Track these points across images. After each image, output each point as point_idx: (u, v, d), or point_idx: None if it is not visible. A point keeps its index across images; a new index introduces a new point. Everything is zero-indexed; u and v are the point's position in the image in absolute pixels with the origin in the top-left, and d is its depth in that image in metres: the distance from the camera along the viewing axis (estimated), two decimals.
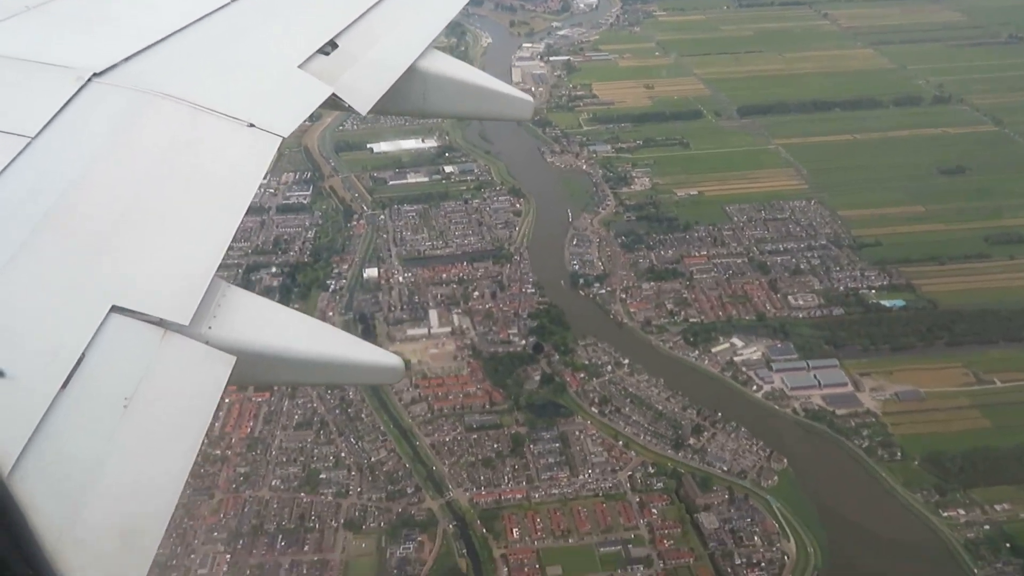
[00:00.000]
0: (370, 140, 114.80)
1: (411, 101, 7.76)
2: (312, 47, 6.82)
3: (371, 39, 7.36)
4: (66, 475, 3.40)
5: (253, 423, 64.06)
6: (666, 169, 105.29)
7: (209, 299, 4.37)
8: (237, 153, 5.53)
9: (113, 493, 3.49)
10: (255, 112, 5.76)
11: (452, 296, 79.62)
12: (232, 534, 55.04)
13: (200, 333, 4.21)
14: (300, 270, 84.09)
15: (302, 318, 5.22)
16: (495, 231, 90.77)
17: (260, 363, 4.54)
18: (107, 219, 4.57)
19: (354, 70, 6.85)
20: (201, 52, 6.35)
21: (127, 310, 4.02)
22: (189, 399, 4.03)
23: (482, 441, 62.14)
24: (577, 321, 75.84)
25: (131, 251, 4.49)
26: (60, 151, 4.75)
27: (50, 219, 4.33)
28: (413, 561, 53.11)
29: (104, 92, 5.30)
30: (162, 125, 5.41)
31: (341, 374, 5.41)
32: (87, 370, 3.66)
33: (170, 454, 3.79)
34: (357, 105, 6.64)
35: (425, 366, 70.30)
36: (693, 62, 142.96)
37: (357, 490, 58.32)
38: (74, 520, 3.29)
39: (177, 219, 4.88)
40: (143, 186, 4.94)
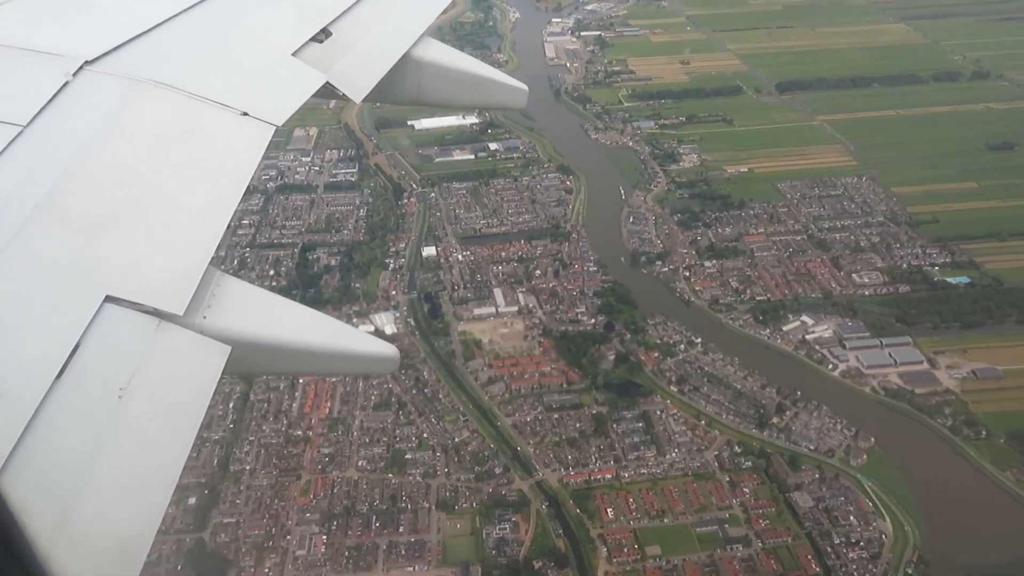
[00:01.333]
0: (410, 117, 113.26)
1: (406, 90, 7.63)
2: (306, 35, 6.71)
3: (365, 27, 7.22)
4: (60, 468, 3.33)
5: (331, 404, 63.58)
6: (712, 146, 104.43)
7: (204, 289, 4.33)
8: (231, 142, 5.45)
9: (108, 486, 3.44)
10: (249, 100, 5.69)
11: (514, 274, 78.97)
12: (324, 515, 54.77)
13: (195, 323, 4.16)
14: (356, 249, 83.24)
15: (297, 307, 5.11)
16: (549, 209, 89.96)
17: (255, 353, 4.49)
18: (100, 208, 4.52)
19: (348, 58, 6.74)
20: (194, 40, 6.26)
21: (121, 300, 3.99)
22: (184, 389, 3.99)
23: (564, 421, 61.82)
24: (643, 300, 75.37)
25: (125, 241, 4.42)
26: (52, 140, 4.69)
27: (43, 209, 4.27)
28: (510, 541, 52.90)
29: (96, 80, 5.23)
30: (155, 113, 5.33)
31: (337, 364, 5.38)
32: (81, 360, 3.62)
33: (166, 445, 3.75)
34: (351, 94, 6.50)
35: (496, 345, 69.84)
36: (726, 37, 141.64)
37: (445, 471, 57.99)
38: (68, 516, 3.22)
39: (171, 208, 4.81)
40: (136, 175, 4.88)
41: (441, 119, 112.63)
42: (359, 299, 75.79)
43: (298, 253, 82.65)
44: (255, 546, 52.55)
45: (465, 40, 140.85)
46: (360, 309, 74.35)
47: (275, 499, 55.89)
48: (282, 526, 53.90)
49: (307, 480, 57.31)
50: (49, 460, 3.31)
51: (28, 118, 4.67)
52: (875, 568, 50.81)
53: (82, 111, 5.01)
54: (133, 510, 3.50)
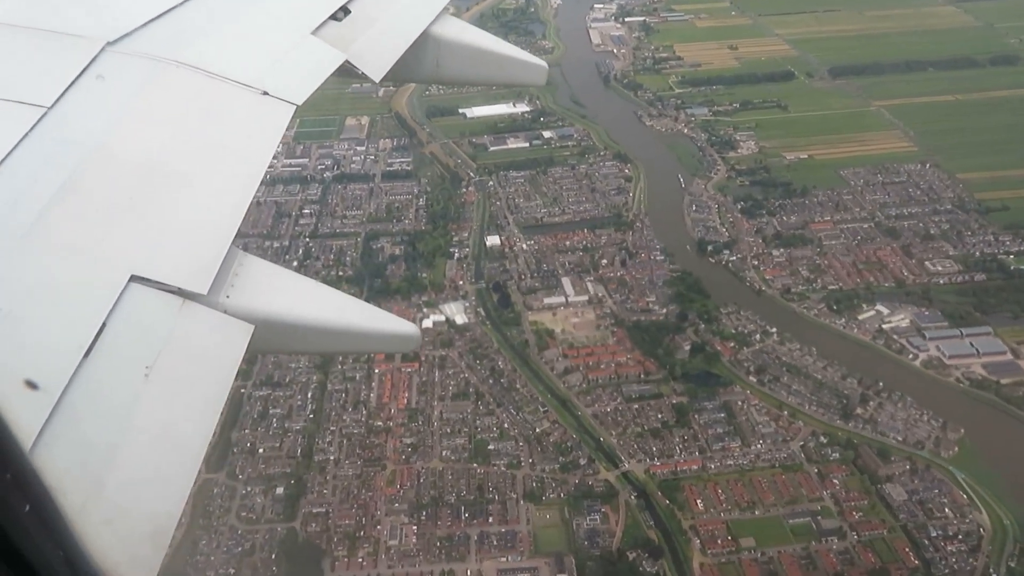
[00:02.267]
0: (460, 105, 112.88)
1: (425, 67, 7.56)
2: (325, 13, 6.67)
3: (384, 4, 7.16)
4: (89, 445, 3.36)
5: (408, 393, 63.50)
6: (769, 132, 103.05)
7: (227, 268, 4.34)
8: (252, 121, 5.44)
9: (136, 463, 3.47)
10: (269, 80, 5.67)
11: (580, 264, 78.44)
12: (413, 505, 54.76)
13: (218, 302, 4.18)
14: (419, 238, 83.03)
15: (318, 287, 5.16)
16: (609, 197, 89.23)
17: (278, 332, 4.49)
18: (124, 188, 4.53)
19: (367, 36, 6.67)
20: (214, 20, 6.27)
21: (146, 279, 4.01)
22: (209, 367, 4.00)
23: (644, 411, 61.38)
24: (713, 289, 74.62)
25: (148, 221, 4.43)
26: (76, 120, 4.70)
27: (68, 189, 4.30)
28: (601, 532, 52.65)
29: (119, 61, 5.22)
30: (177, 93, 5.35)
31: (359, 342, 5.44)
32: (108, 339, 3.65)
33: (191, 422, 3.76)
34: (370, 72, 6.44)
35: (569, 335, 69.43)
36: (772, 22, 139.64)
37: (529, 461, 57.78)
38: (98, 492, 3.25)
39: (193, 188, 4.82)
40: (159, 155, 4.89)
41: (492, 107, 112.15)
42: (426, 289, 75.59)
43: (361, 243, 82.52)
44: (346, 536, 52.64)
45: (508, 27, 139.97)
46: (428, 299, 74.18)
47: (362, 489, 55.93)
48: (372, 516, 53.94)
49: (392, 470, 57.30)
50: (78, 437, 3.34)
51: (52, 100, 4.67)
52: (975, 561, 50.05)
53: (105, 92, 5.01)
54: (161, 486, 3.53)
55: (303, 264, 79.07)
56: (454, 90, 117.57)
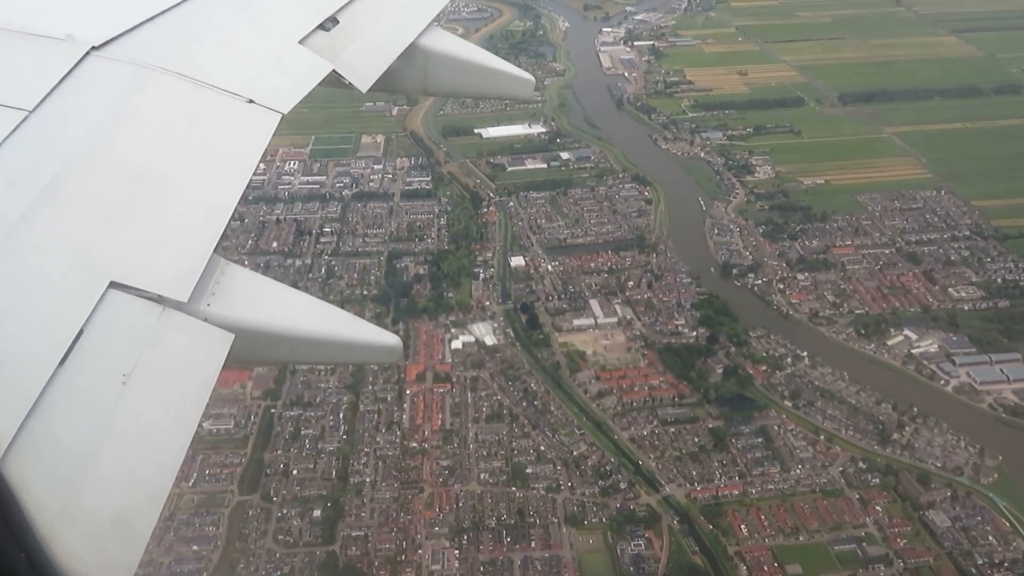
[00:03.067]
0: (475, 125, 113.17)
1: (412, 79, 7.60)
2: (313, 23, 6.69)
3: (373, 15, 7.21)
4: (63, 453, 3.35)
5: (441, 415, 62.84)
6: (784, 157, 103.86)
7: (208, 276, 4.33)
8: (237, 130, 5.44)
9: (111, 471, 3.45)
10: (255, 88, 5.68)
11: (606, 285, 78.33)
12: (452, 529, 53.97)
13: (199, 310, 4.16)
14: (443, 258, 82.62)
15: (301, 296, 5.07)
16: (631, 219, 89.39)
17: (259, 341, 4.48)
18: (106, 194, 4.53)
19: (355, 47, 6.72)
20: (201, 26, 6.26)
21: (126, 286, 3.99)
22: (187, 376, 3.99)
23: (681, 435, 61.05)
24: (740, 312, 74.71)
25: (130, 227, 4.42)
26: (58, 125, 4.68)
27: (48, 194, 4.27)
28: (647, 558, 52.09)
29: (103, 66, 5.20)
30: (161, 100, 5.34)
31: (340, 353, 5.42)
32: (85, 346, 3.64)
33: (168, 432, 3.75)
34: (357, 82, 6.47)
35: (601, 357, 69.12)
36: (779, 48, 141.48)
37: (568, 485, 57.21)
38: (70, 501, 3.23)
39: (176, 195, 4.82)
40: (142, 161, 4.88)
41: (508, 127, 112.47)
42: (454, 309, 75.11)
43: (384, 262, 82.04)
44: (388, 560, 51.76)
45: (518, 48, 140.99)
46: (456, 319, 73.71)
47: (401, 512, 55.08)
48: (412, 540, 53.09)
49: (430, 493, 56.52)
50: (52, 445, 3.31)
51: (34, 103, 4.64)
52: None
53: (88, 97, 4.98)
54: (135, 496, 3.50)
55: (326, 283, 78.53)
56: (469, 110, 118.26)
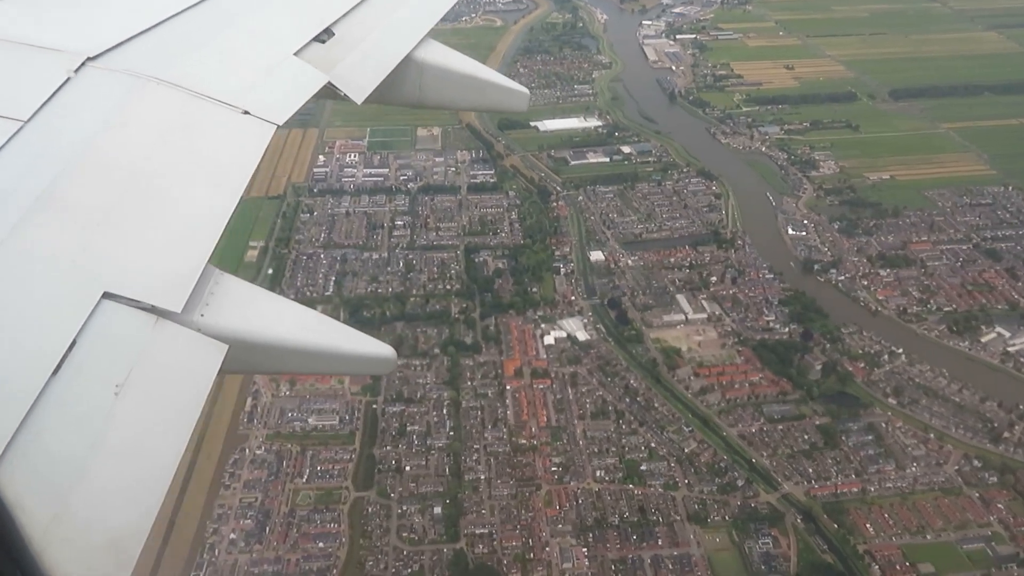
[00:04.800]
0: (531, 118, 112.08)
1: (407, 91, 7.61)
2: (308, 34, 6.72)
3: (368, 28, 7.20)
4: (56, 464, 3.35)
5: (546, 411, 62.24)
6: (845, 152, 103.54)
7: (202, 286, 4.34)
8: (232, 140, 5.44)
9: (103, 483, 3.45)
10: (250, 99, 5.68)
11: (689, 281, 77.83)
12: (576, 527, 53.45)
13: (192, 320, 4.17)
14: (520, 252, 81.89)
15: (295, 307, 5.02)
16: (702, 214, 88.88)
17: (253, 351, 4.47)
18: (100, 204, 4.52)
19: (350, 59, 6.72)
20: (196, 38, 6.27)
21: (119, 297, 4.00)
22: (181, 387, 4.00)
23: (791, 432, 60.68)
24: (827, 308, 74.27)
25: (124, 238, 4.42)
26: (53, 136, 4.70)
27: (42, 203, 4.29)
28: (776, 557, 51.71)
29: (98, 76, 5.23)
30: (156, 111, 5.34)
31: (334, 364, 5.26)
32: (78, 356, 3.65)
33: (161, 443, 3.73)
34: (353, 94, 6.46)
35: (696, 354, 68.61)
36: (821, 43, 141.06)
37: (685, 482, 56.72)
38: (62, 512, 3.22)
39: (171, 206, 4.81)
40: (137, 172, 4.86)
41: (563, 121, 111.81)
42: (539, 304, 74.46)
43: (462, 256, 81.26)
44: (516, 558, 51.18)
45: (561, 41, 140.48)
46: (544, 314, 73.06)
47: (521, 509, 54.51)
48: (538, 537, 52.52)
49: (547, 490, 55.94)
50: (45, 456, 3.30)
51: (29, 113, 4.64)
52: None
53: (84, 107, 4.99)
54: (128, 508, 3.49)
55: (406, 276, 77.78)
56: None
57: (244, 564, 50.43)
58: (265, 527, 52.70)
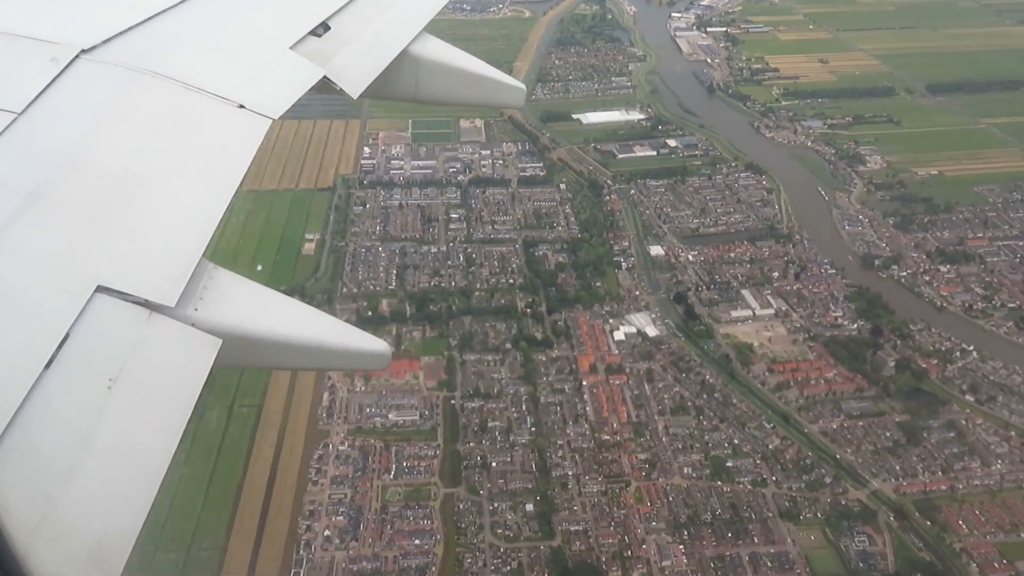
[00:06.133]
0: (571, 110, 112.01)
1: (403, 86, 7.62)
2: (304, 28, 6.71)
3: (364, 22, 7.23)
4: (46, 461, 3.30)
5: (625, 407, 61.96)
6: (890, 147, 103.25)
7: (196, 281, 4.32)
8: (227, 134, 5.43)
9: (94, 480, 3.40)
10: (246, 93, 5.66)
11: (752, 276, 77.60)
12: (670, 524, 53.25)
13: (186, 315, 4.15)
14: (578, 246, 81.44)
15: (290, 302, 5.03)
16: (756, 209, 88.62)
17: (247, 346, 4.46)
18: (94, 197, 4.51)
19: (346, 53, 6.72)
20: (192, 31, 6.26)
21: (113, 290, 3.98)
22: (174, 381, 3.98)
23: (872, 429, 60.59)
24: (891, 304, 74.17)
25: (118, 231, 4.40)
26: (47, 127, 4.67)
27: (35, 197, 4.26)
28: (873, 555, 51.64)
29: (93, 69, 5.20)
30: (151, 104, 5.32)
31: (329, 359, 5.37)
32: (71, 350, 3.62)
33: (154, 438, 3.70)
34: (348, 88, 6.46)
35: (767, 349, 68.43)
36: (852, 36, 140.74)
37: (773, 479, 56.57)
38: (50, 512, 3.16)
39: (165, 199, 4.80)
40: (131, 165, 4.85)
41: (605, 113, 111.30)
42: (604, 299, 74.09)
43: (521, 249, 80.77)
44: (615, 556, 50.94)
45: (593, 32, 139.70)
46: (611, 309, 72.71)
47: (612, 506, 54.27)
48: (634, 535, 52.30)
49: (636, 487, 55.70)
50: (35, 452, 3.26)
51: (23, 106, 4.61)
52: None
53: (77, 100, 4.96)
54: (118, 507, 3.43)
55: (468, 271, 77.25)
56: (560, 95, 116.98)
57: (342, 561, 50.01)
58: (359, 524, 52.28)
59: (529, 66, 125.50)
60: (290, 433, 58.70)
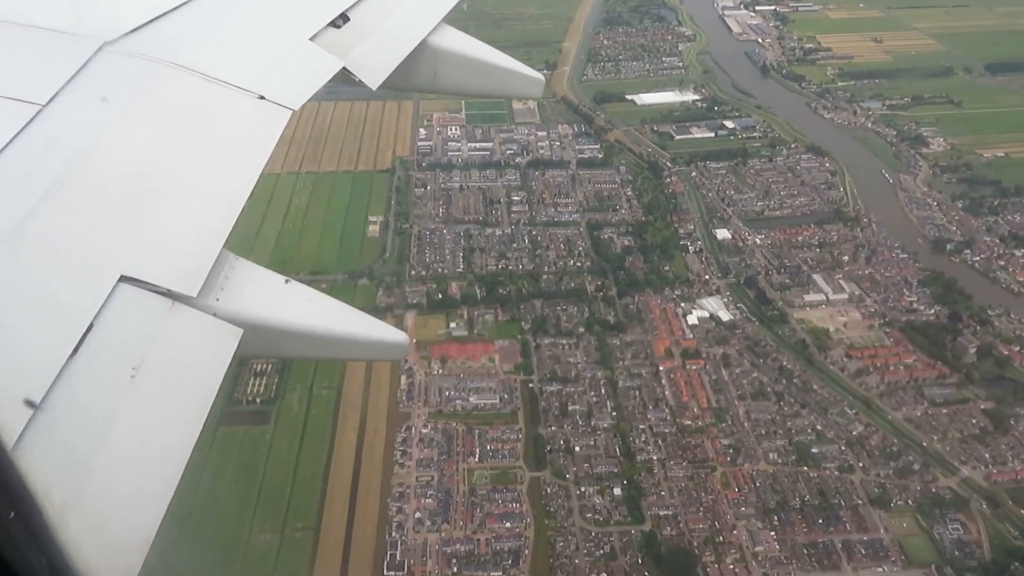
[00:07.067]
0: (623, 91, 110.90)
1: (422, 77, 7.56)
2: (324, 20, 6.65)
3: (383, 13, 7.16)
4: (73, 445, 3.34)
5: (705, 393, 61.54)
6: (952, 129, 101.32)
7: (217, 271, 4.31)
8: (247, 125, 5.41)
9: (119, 465, 3.44)
10: (266, 84, 5.64)
11: (822, 260, 76.68)
12: (759, 510, 52.95)
13: (208, 305, 4.15)
14: (643, 229, 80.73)
15: (309, 292, 4.90)
16: (821, 192, 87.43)
17: (267, 336, 4.46)
18: (117, 188, 4.50)
19: (365, 44, 6.65)
20: (213, 23, 6.23)
21: (136, 280, 3.99)
22: (196, 371, 4.00)
23: (957, 416, 59.84)
24: (967, 289, 73.00)
25: (140, 221, 4.39)
26: (70, 119, 4.67)
27: (60, 187, 4.28)
28: (968, 543, 51.10)
29: (115, 61, 5.19)
30: (173, 95, 5.31)
31: (348, 349, 5.28)
32: (96, 339, 3.64)
33: (177, 425, 3.73)
34: (368, 80, 6.41)
35: (843, 335, 67.66)
36: (905, 15, 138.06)
37: (860, 465, 56.04)
38: (79, 494, 3.23)
39: (187, 190, 4.78)
40: (153, 156, 4.84)
41: (660, 94, 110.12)
42: (674, 283, 73.49)
43: (585, 232, 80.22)
44: (707, 541, 50.75)
45: (640, 12, 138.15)
46: (682, 293, 72.13)
47: (700, 491, 54.02)
48: (724, 520, 52.06)
49: (722, 472, 55.38)
50: (62, 437, 3.30)
51: (47, 97, 4.64)
52: None
53: (100, 92, 4.94)
54: (143, 490, 3.46)
55: (534, 253, 76.87)
56: (611, 75, 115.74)
57: (435, 543, 50.18)
58: (448, 506, 52.40)
59: (578, 46, 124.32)
60: (372, 415, 58.82)
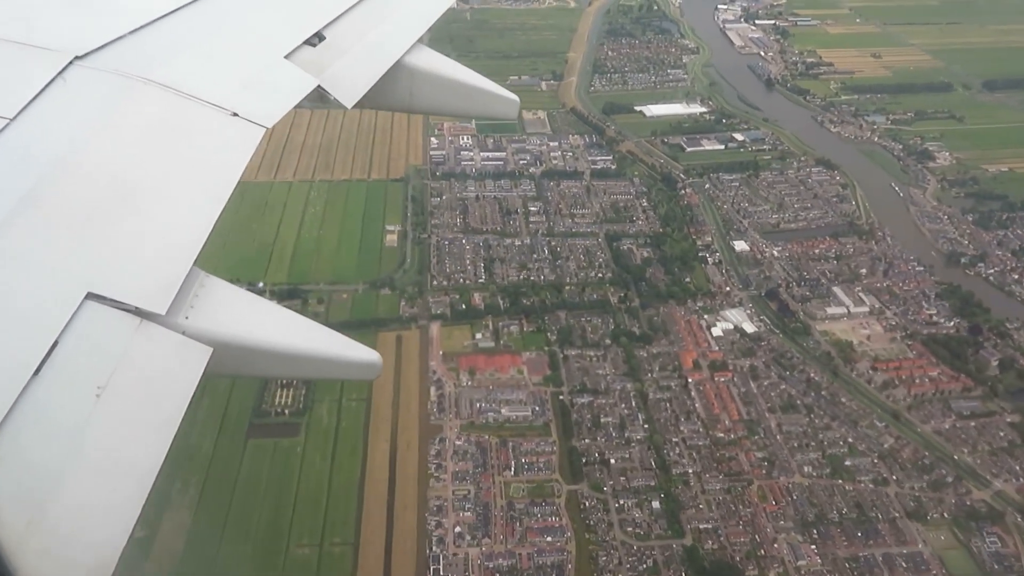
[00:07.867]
0: (631, 102, 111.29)
1: (397, 96, 7.59)
2: (299, 38, 6.70)
3: (359, 32, 7.21)
4: (33, 468, 3.28)
5: (735, 405, 61.51)
6: (956, 144, 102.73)
7: (187, 289, 4.28)
8: (220, 142, 5.41)
9: (82, 488, 3.37)
10: (239, 101, 5.64)
11: (840, 272, 77.14)
12: (798, 523, 52.89)
13: (176, 323, 4.12)
14: (661, 241, 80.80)
15: (280, 311, 5.02)
16: (834, 205, 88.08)
17: (237, 355, 4.41)
18: (85, 204, 4.46)
19: (341, 63, 6.71)
20: (186, 38, 6.24)
21: (103, 297, 3.94)
22: (163, 389, 3.94)
23: (986, 429, 60.30)
24: (985, 302, 73.79)
25: (109, 238, 4.36)
26: (39, 134, 4.63)
27: (27, 202, 4.21)
28: (1006, 556, 51.40)
29: (86, 75, 5.17)
30: (144, 111, 5.28)
31: (320, 368, 5.26)
32: (60, 357, 3.59)
33: (142, 446, 3.66)
34: (343, 98, 6.45)
35: (867, 347, 68.03)
36: (901, 31, 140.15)
37: (893, 478, 56.22)
38: (38, 519, 3.14)
39: (157, 207, 4.76)
40: (123, 172, 4.81)
41: (667, 106, 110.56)
42: (695, 295, 73.56)
43: (604, 243, 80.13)
44: (749, 555, 50.59)
45: (642, 24, 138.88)
46: (705, 305, 72.20)
47: (738, 504, 53.89)
48: (764, 533, 51.94)
49: (758, 486, 55.29)
50: (23, 459, 3.22)
51: (15, 111, 4.57)
52: None
53: (70, 107, 4.93)
54: (106, 514, 3.39)
55: (554, 264, 76.58)
56: (619, 87, 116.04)
57: (476, 557, 49.54)
58: (488, 520, 51.79)
59: (583, 57, 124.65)
60: (403, 427, 58.10)
